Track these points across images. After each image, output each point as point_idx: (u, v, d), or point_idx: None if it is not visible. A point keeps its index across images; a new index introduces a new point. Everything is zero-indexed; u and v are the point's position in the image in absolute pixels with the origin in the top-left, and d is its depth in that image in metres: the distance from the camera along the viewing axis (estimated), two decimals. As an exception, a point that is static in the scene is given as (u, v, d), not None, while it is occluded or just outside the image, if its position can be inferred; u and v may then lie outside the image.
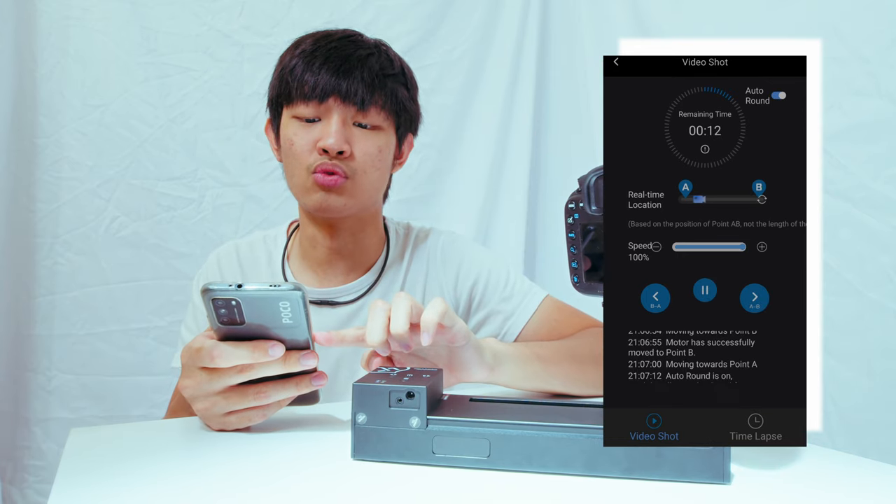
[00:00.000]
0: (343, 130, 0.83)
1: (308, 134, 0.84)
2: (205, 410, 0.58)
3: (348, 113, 0.84)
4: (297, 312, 0.54)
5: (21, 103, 1.35)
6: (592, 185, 0.51)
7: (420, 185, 1.64)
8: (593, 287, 0.54)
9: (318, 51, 0.84)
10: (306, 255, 0.93)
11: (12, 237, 1.35)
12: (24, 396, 1.39)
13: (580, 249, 0.54)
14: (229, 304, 0.54)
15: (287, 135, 0.86)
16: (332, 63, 0.83)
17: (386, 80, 0.86)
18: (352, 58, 0.84)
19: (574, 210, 0.53)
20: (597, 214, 0.51)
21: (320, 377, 0.58)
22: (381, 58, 0.87)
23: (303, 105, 0.84)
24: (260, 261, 0.95)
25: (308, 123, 0.84)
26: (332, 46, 0.84)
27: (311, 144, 0.84)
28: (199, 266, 1.01)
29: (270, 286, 0.53)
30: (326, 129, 0.83)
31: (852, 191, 1.05)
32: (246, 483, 0.48)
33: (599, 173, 0.50)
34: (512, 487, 0.47)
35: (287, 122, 0.86)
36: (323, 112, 0.84)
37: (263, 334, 0.56)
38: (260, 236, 0.99)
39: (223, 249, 0.98)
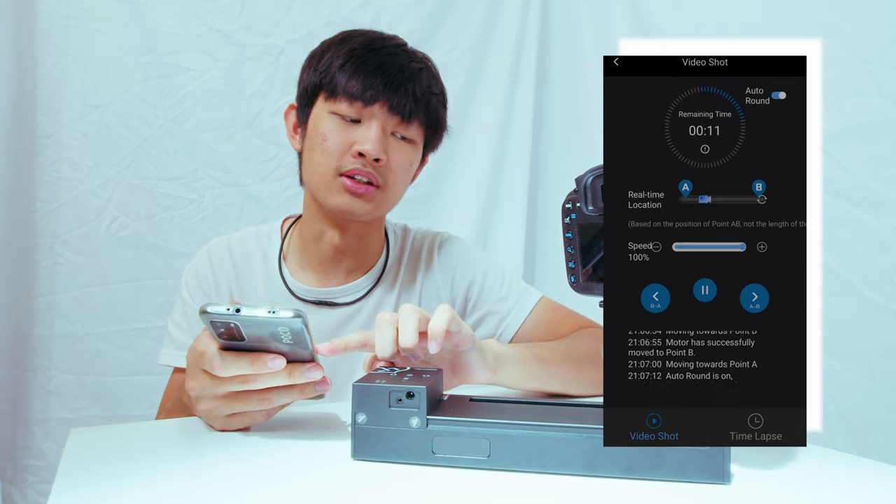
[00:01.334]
0: (383, 138, 0.83)
1: (345, 133, 0.83)
2: (208, 412, 0.58)
3: (390, 122, 0.83)
4: (297, 335, 0.53)
5: (21, 103, 1.34)
6: (589, 185, 0.51)
7: (420, 185, 1.63)
8: (590, 287, 0.54)
9: (371, 54, 0.83)
10: (307, 250, 0.92)
11: (12, 237, 1.35)
12: (24, 396, 1.39)
13: (577, 249, 0.54)
14: (228, 325, 0.53)
15: (321, 129, 0.84)
16: (386, 70, 0.82)
17: (431, 99, 0.87)
18: (406, 69, 0.84)
19: (571, 210, 0.53)
20: (594, 214, 0.51)
21: (324, 383, 0.57)
22: (430, 74, 0.88)
23: (346, 103, 0.82)
24: (254, 258, 0.94)
25: (348, 123, 0.83)
26: (387, 53, 0.84)
27: (347, 145, 0.82)
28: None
29: (269, 312, 0.51)
30: (367, 133, 0.82)
31: (852, 191, 1.05)
32: (246, 483, 0.48)
33: (596, 173, 0.50)
34: (512, 487, 0.47)
35: (323, 115, 0.84)
36: (365, 115, 0.82)
37: (265, 347, 0.55)
38: (252, 232, 0.97)
39: (214, 245, 0.96)
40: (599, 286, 0.53)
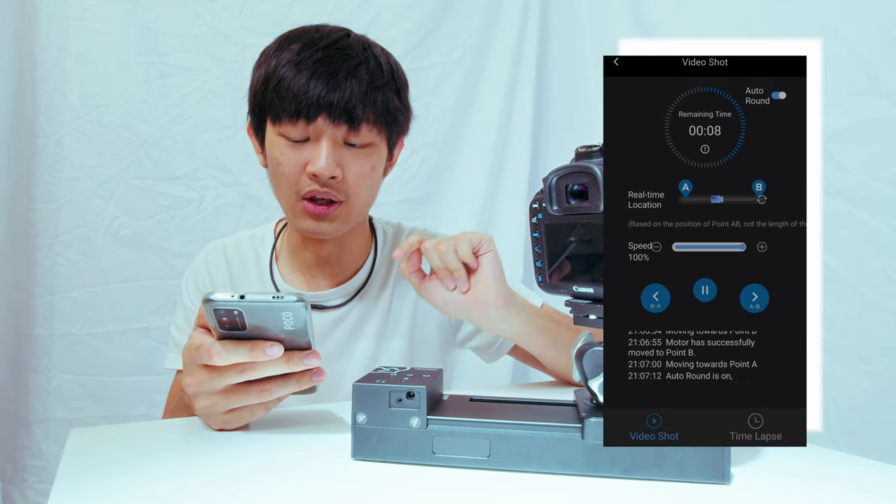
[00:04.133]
0: (334, 153, 0.78)
1: (296, 155, 0.79)
2: (206, 409, 0.58)
3: (339, 133, 0.78)
4: (299, 320, 0.54)
5: (21, 103, 1.34)
6: (553, 185, 0.51)
7: (420, 185, 1.64)
8: (557, 287, 0.54)
9: (304, 63, 0.77)
10: (295, 256, 0.93)
11: (12, 237, 1.35)
12: (24, 396, 1.39)
13: (544, 249, 0.54)
14: (231, 313, 0.54)
15: (273, 154, 0.81)
16: (319, 78, 0.77)
17: (377, 93, 0.80)
18: (340, 71, 0.77)
19: (538, 210, 0.53)
20: (558, 214, 0.51)
21: (319, 373, 0.58)
22: (371, 65, 0.80)
23: (289, 125, 0.78)
24: (248, 260, 0.94)
25: (295, 144, 0.79)
26: (318, 58, 0.78)
27: (300, 167, 0.79)
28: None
29: (273, 297, 0.53)
30: (316, 152, 0.78)
31: (852, 191, 1.05)
32: (246, 483, 0.48)
33: (560, 173, 0.50)
34: (512, 487, 0.47)
35: (273, 139, 0.81)
36: (312, 132, 0.78)
37: (264, 336, 0.56)
38: (247, 235, 0.97)
39: (210, 248, 0.97)
40: (567, 286, 0.53)
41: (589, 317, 0.51)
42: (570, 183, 0.50)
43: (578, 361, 0.50)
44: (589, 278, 0.51)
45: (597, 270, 0.50)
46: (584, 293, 0.52)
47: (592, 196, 0.48)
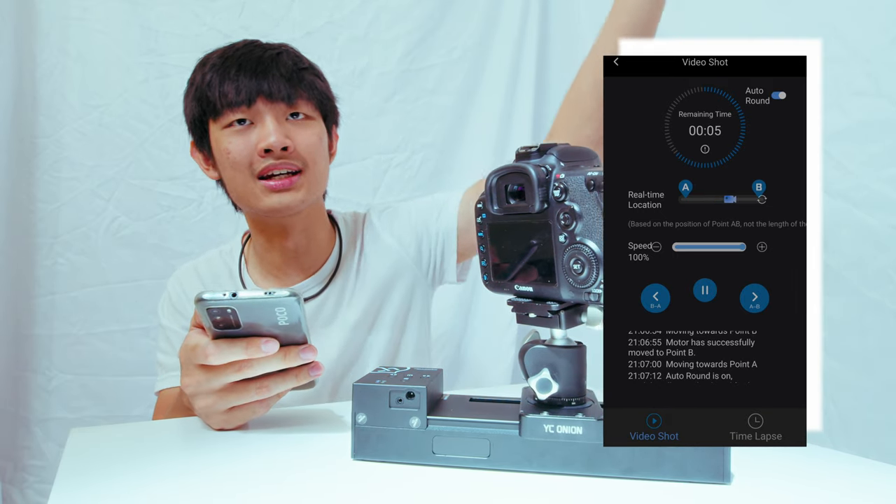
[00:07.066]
0: (280, 127, 0.83)
1: (244, 139, 0.84)
2: (206, 408, 0.58)
3: (278, 110, 0.84)
4: (293, 315, 0.54)
5: (21, 103, 1.34)
6: (493, 185, 0.51)
7: (420, 185, 1.63)
8: (501, 285, 0.54)
9: (229, 60, 0.85)
10: (263, 260, 0.94)
11: (12, 237, 1.35)
12: (24, 396, 1.39)
13: (488, 248, 0.54)
14: (224, 312, 0.54)
15: (222, 147, 0.85)
16: (247, 67, 0.83)
17: (303, 73, 0.87)
18: (264, 58, 0.85)
19: (482, 210, 0.54)
20: (499, 214, 0.52)
21: (316, 367, 0.58)
22: (290, 54, 0.89)
23: (231, 113, 0.83)
24: (221, 275, 0.96)
25: (242, 127, 0.84)
26: (241, 53, 0.85)
27: (251, 149, 0.83)
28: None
29: (266, 293, 0.53)
30: (263, 130, 0.83)
31: (852, 191, 1.05)
32: (246, 483, 0.48)
33: (500, 174, 0.51)
34: (512, 487, 0.47)
35: (218, 135, 0.85)
36: (254, 115, 0.84)
37: (259, 333, 0.56)
38: (216, 252, 1.00)
39: (181, 271, 0.99)
40: (510, 284, 0.53)
41: (529, 315, 0.51)
42: (509, 183, 0.51)
43: (521, 360, 0.51)
44: (528, 278, 0.51)
45: (535, 270, 0.51)
46: (524, 291, 0.52)
47: (528, 196, 0.49)
